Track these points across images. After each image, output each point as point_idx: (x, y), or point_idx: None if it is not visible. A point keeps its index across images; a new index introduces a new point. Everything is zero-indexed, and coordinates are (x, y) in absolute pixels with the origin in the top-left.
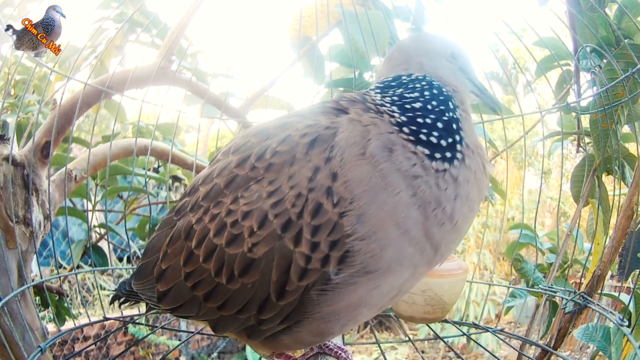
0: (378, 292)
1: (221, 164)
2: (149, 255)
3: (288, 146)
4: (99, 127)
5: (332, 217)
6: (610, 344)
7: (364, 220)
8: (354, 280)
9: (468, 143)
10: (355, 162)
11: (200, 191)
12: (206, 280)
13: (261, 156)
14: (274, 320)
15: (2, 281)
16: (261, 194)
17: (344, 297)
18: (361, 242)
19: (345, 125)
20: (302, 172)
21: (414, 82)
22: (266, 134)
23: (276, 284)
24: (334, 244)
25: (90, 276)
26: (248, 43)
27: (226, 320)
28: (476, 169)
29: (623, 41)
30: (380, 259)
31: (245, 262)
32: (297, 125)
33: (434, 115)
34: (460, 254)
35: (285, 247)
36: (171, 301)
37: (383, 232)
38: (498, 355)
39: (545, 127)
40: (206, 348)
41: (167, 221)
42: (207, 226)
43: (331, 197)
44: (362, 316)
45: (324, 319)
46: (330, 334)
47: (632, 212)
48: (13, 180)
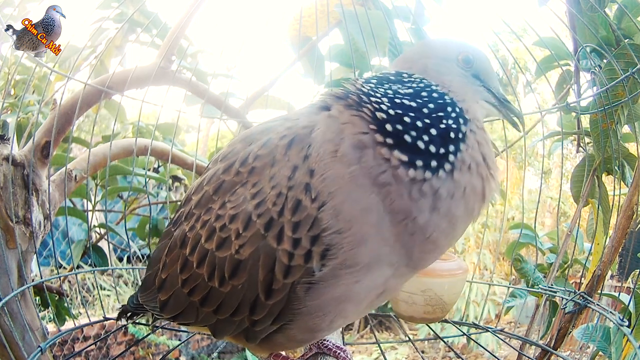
0: (360, 287)
1: (210, 172)
2: (151, 267)
3: (268, 149)
4: (99, 127)
5: (311, 212)
6: (610, 344)
7: (339, 216)
8: (336, 273)
9: (466, 158)
10: (329, 160)
11: (193, 200)
12: (200, 286)
13: (244, 161)
14: (266, 321)
15: (2, 281)
16: (246, 197)
17: (327, 291)
18: (338, 235)
19: (322, 122)
20: (281, 171)
21: (412, 82)
22: (250, 140)
23: (263, 284)
24: (315, 239)
25: (90, 276)
26: (248, 43)
27: (223, 324)
28: (467, 186)
29: (623, 41)
30: (357, 254)
31: (234, 264)
32: (278, 128)
33: (429, 120)
34: (460, 254)
35: (269, 245)
36: (171, 309)
37: (357, 228)
38: (498, 355)
39: (545, 127)
40: (206, 348)
41: (166, 233)
42: (199, 232)
43: (309, 193)
44: (349, 312)
45: (311, 314)
46: (319, 330)
47: (632, 212)
48: (13, 180)
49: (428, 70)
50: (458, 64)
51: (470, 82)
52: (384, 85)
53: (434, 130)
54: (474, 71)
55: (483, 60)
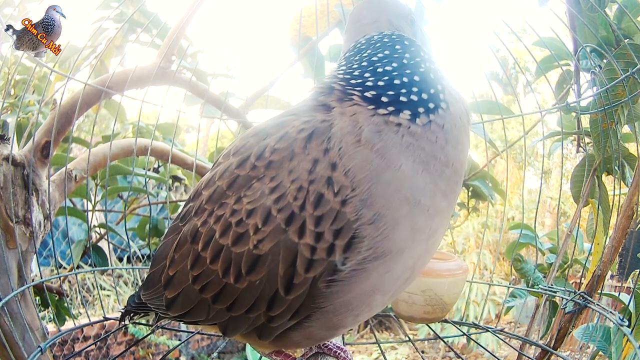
0: (391, 276)
1: (222, 166)
2: (156, 264)
3: (286, 143)
4: (99, 127)
5: (334, 206)
6: (610, 344)
7: (370, 204)
8: (364, 267)
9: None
10: (354, 150)
11: (204, 195)
12: (214, 282)
13: (261, 155)
14: (284, 316)
15: (2, 281)
16: (264, 191)
17: (356, 287)
18: (369, 226)
19: (339, 117)
20: (301, 165)
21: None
22: (264, 134)
23: (283, 278)
24: (338, 232)
25: (90, 276)
26: (248, 43)
27: (236, 321)
28: (460, 114)
29: (623, 41)
30: (391, 240)
31: (252, 260)
32: (294, 122)
33: (410, 70)
34: (460, 254)
35: (290, 240)
36: (180, 307)
37: (392, 212)
38: (498, 355)
39: (545, 127)
40: (206, 348)
41: (172, 228)
42: (212, 228)
43: (332, 187)
44: (377, 303)
45: (336, 311)
46: (342, 326)
47: (632, 212)
48: (13, 180)
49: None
50: (407, 22)
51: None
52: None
53: (417, 77)
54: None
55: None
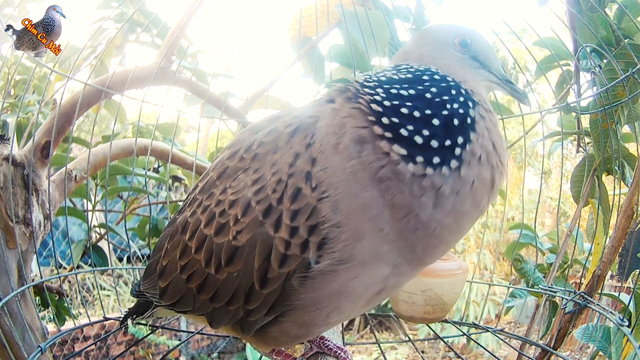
0: (358, 283)
1: (217, 159)
2: (154, 254)
3: (273, 136)
4: (99, 127)
5: (311, 201)
6: (610, 344)
7: (338, 209)
8: (333, 268)
9: (476, 149)
10: (331, 152)
11: (199, 186)
12: (198, 272)
13: (249, 148)
14: (261, 310)
15: (2, 281)
16: (247, 183)
17: (324, 285)
18: (336, 229)
19: (327, 114)
20: (283, 158)
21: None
22: (257, 128)
23: (258, 272)
24: (313, 228)
25: (90, 276)
26: (248, 43)
27: (218, 312)
28: (476, 180)
29: (623, 41)
30: (354, 249)
31: (231, 251)
32: (285, 117)
33: (430, 109)
34: (460, 254)
35: (266, 233)
36: (170, 296)
37: (355, 224)
38: (498, 355)
39: (545, 127)
40: (206, 348)
41: (172, 220)
42: (199, 218)
43: (310, 182)
44: (346, 308)
45: (305, 308)
46: (314, 325)
47: (632, 212)
48: (13, 180)
49: (424, 58)
50: (455, 48)
51: (469, 65)
52: (378, 74)
53: (436, 120)
54: (472, 54)
55: (481, 42)
